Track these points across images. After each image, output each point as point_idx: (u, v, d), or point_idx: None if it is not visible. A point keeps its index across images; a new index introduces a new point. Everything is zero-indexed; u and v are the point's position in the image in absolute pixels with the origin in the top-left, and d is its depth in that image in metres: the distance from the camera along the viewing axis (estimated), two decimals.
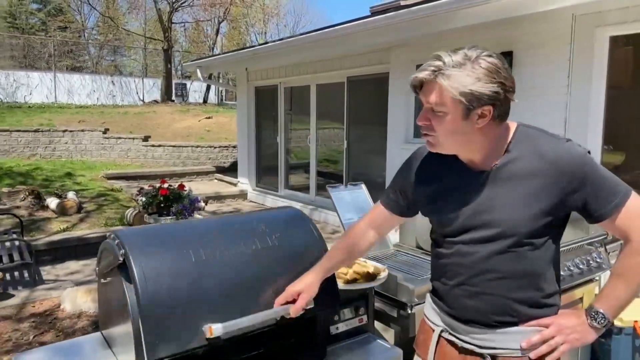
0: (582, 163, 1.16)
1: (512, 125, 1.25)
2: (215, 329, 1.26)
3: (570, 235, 2.49)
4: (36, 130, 12.27)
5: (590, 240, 2.46)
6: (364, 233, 1.50)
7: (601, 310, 1.20)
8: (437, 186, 1.33)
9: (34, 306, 3.63)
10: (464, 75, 1.10)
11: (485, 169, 1.23)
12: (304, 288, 1.41)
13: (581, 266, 2.33)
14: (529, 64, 4.34)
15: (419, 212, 1.44)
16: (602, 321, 1.20)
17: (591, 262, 2.38)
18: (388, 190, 1.48)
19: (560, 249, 2.30)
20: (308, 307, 1.45)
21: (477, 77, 1.10)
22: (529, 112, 4.23)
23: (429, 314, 1.44)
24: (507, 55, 4.37)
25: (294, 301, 1.40)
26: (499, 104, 1.14)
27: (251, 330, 1.36)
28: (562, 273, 2.28)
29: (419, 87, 1.19)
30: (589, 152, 1.19)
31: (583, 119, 4.06)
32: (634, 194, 1.17)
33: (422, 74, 1.15)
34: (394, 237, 2.60)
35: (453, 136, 1.18)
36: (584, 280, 2.33)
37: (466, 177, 1.26)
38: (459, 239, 1.28)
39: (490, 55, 1.13)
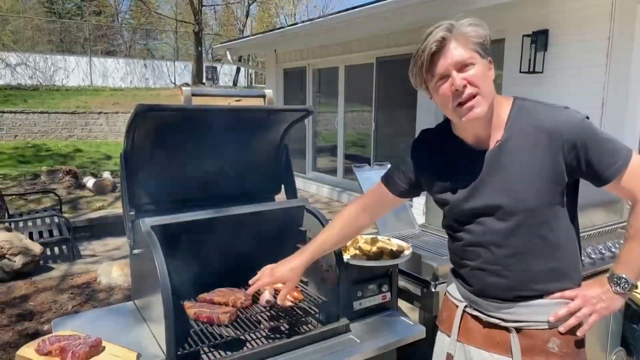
0: (580, 129, 1.16)
1: (509, 100, 1.26)
2: None
3: (603, 218, 2.42)
4: (73, 112, 12.69)
5: (624, 224, 2.38)
6: (355, 218, 1.48)
7: (623, 275, 1.20)
8: (442, 169, 1.32)
9: (72, 279, 3.81)
10: (470, 27, 1.15)
11: (487, 148, 1.24)
12: (290, 276, 1.45)
13: (613, 249, 2.27)
14: (565, 42, 4.17)
15: (421, 193, 1.44)
16: (626, 285, 1.20)
17: None
18: (391, 170, 1.46)
19: (592, 232, 2.28)
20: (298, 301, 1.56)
21: (479, 25, 1.16)
22: (565, 92, 4.08)
23: (452, 291, 1.44)
24: (543, 34, 4.22)
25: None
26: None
27: None
28: (593, 256, 2.23)
29: (437, 53, 1.14)
30: (587, 118, 1.20)
31: (622, 100, 3.89)
32: (635, 154, 1.17)
33: (440, 34, 1.14)
34: (419, 217, 2.59)
35: (490, 84, 1.18)
36: None
37: (471, 158, 1.26)
38: (471, 220, 1.27)
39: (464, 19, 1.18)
